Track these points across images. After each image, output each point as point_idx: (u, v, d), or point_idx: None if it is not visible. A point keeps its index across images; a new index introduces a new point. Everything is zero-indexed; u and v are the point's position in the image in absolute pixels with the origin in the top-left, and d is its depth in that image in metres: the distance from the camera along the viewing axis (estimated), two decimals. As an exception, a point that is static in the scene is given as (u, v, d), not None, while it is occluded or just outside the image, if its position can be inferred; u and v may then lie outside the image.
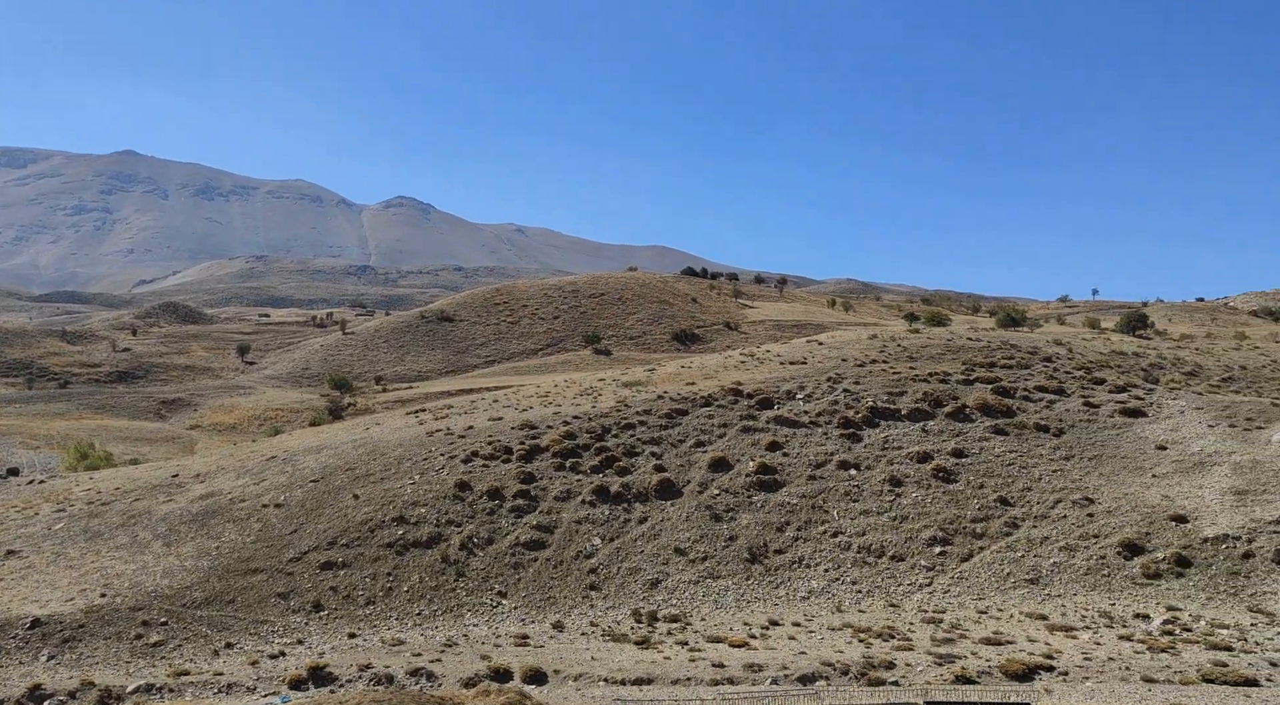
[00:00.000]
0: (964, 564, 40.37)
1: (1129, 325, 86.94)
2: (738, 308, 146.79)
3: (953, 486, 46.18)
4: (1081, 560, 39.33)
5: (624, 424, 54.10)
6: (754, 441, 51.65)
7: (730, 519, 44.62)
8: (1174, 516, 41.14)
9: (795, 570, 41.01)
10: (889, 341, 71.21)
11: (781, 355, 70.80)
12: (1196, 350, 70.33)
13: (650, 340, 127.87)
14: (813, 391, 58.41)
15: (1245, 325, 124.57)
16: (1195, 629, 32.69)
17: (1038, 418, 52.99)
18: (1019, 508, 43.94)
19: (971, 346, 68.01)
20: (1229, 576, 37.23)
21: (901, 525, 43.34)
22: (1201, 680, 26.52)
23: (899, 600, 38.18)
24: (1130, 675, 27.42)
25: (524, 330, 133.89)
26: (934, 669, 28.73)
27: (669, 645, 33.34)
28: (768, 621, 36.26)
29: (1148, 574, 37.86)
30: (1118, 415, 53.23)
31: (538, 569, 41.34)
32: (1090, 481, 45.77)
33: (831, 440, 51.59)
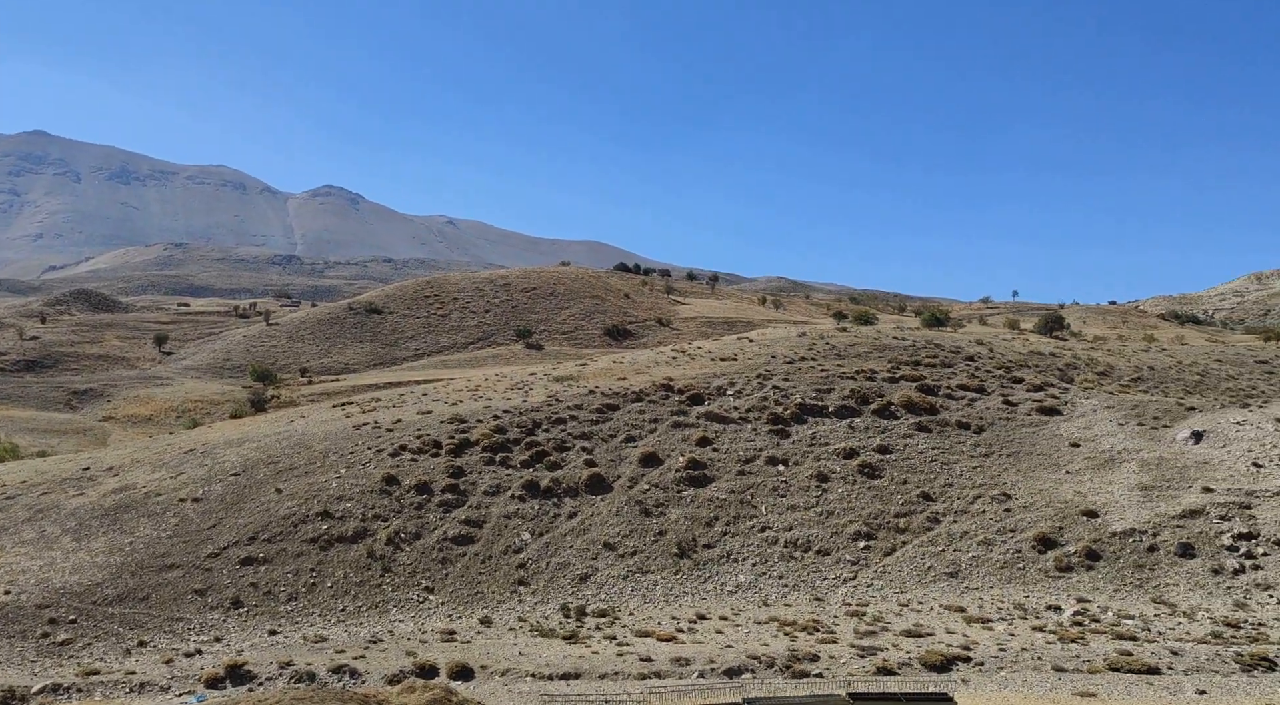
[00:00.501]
0: (887, 558, 41.26)
1: (1046, 326, 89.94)
2: (670, 304, 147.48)
3: (877, 482, 47.16)
4: (999, 554, 40.54)
5: (555, 419, 53.90)
6: (684, 437, 51.96)
7: (660, 514, 44.82)
8: (1085, 511, 42.69)
9: (723, 565, 41.41)
10: (818, 339, 72.33)
11: (713, 352, 71.35)
12: (1109, 351, 73.06)
13: (583, 335, 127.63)
14: (743, 388, 59.01)
15: (1154, 328, 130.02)
16: (1103, 620, 33.99)
17: (960, 415, 54.43)
18: (940, 503, 45.08)
19: (897, 345, 69.50)
20: (1135, 569, 38.81)
21: (828, 520, 44.10)
22: (1108, 669, 27.58)
23: (824, 594, 38.86)
24: (1042, 665, 28.37)
25: (455, 323, 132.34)
26: (857, 661, 29.31)
27: (597, 640, 33.36)
28: (696, 615, 36.54)
29: (1060, 567, 39.23)
30: (1035, 413, 54.98)
31: (466, 564, 40.94)
32: (1008, 478, 47.20)
33: (760, 436, 52.19)
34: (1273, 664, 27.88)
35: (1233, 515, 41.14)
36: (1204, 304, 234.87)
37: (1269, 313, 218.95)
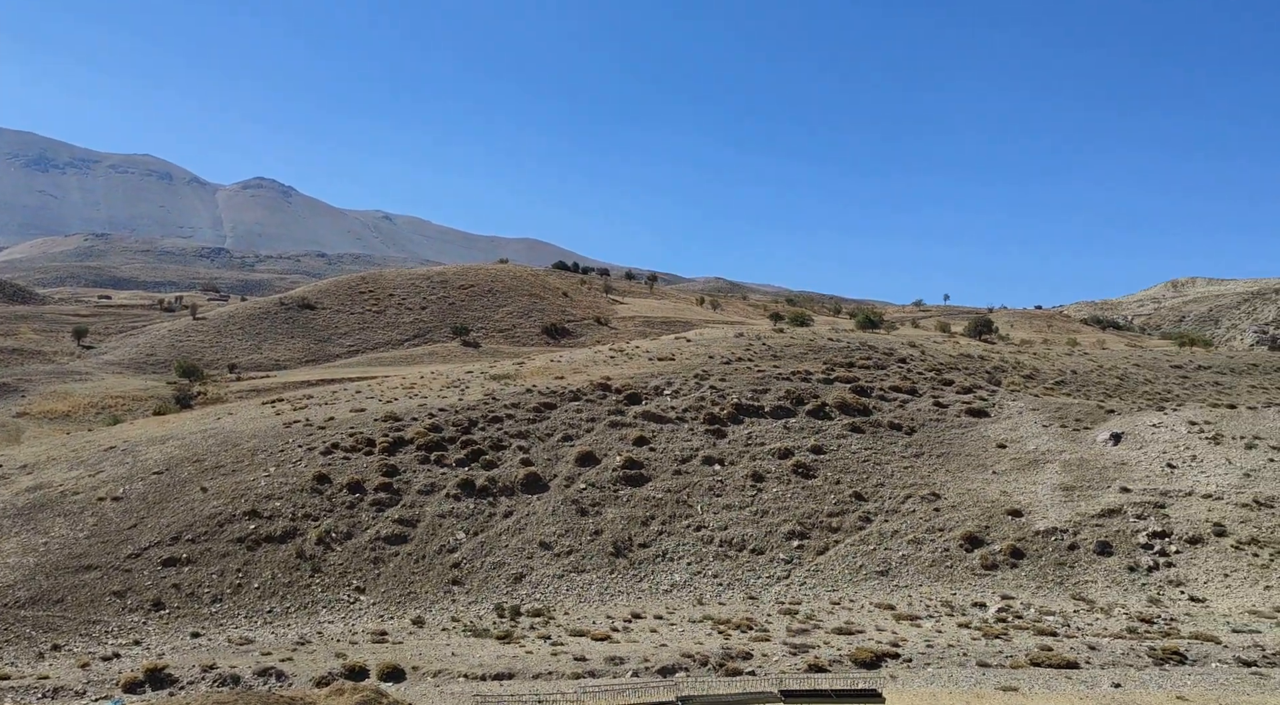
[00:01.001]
0: (820, 557, 41.83)
1: (976, 330, 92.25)
2: (608, 303, 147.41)
3: (811, 482, 47.79)
4: (928, 552, 41.41)
5: (491, 417, 53.44)
6: (621, 436, 51.96)
7: (596, 513, 44.74)
8: (1011, 511, 43.86)
9: (659, 563, 41.51)
10: (754, 340, 73.01)
11: (651, 351, 71.51)
12: (1034, 355, 75.23)
13: (520, 333, 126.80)
14: (680, 388, 59.25)
15: (1077, 332, 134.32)
16: (1025, 616, 34.96)
17: (892, 416, 55.45)
18: (872, 503, 45.86)
19: (832, 347, 70.53)
20: (1056, 567, 40.00)
21: (762, 519, 44.53)
22: (1030, 664, 28.38)
23: (758, 592, 39.22)
24: (967, 661, 29.05)
25: (390, 320, 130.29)
26: (789, 659, 29.63)
27: (532, 639, 33.15)
28: (631, 614, 36.56)
29: (986, 565, 40.24)
30: (964, 415, 56.31)
31: (399, 564, 40.32)
32: (938, 478, 48.24)
33: (697, 436, 52.47)
34: (1183, 657, 28.99)
35: (1148, 514, 42.68)
36: (1124, 310, 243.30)
37: (1184, 319, 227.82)
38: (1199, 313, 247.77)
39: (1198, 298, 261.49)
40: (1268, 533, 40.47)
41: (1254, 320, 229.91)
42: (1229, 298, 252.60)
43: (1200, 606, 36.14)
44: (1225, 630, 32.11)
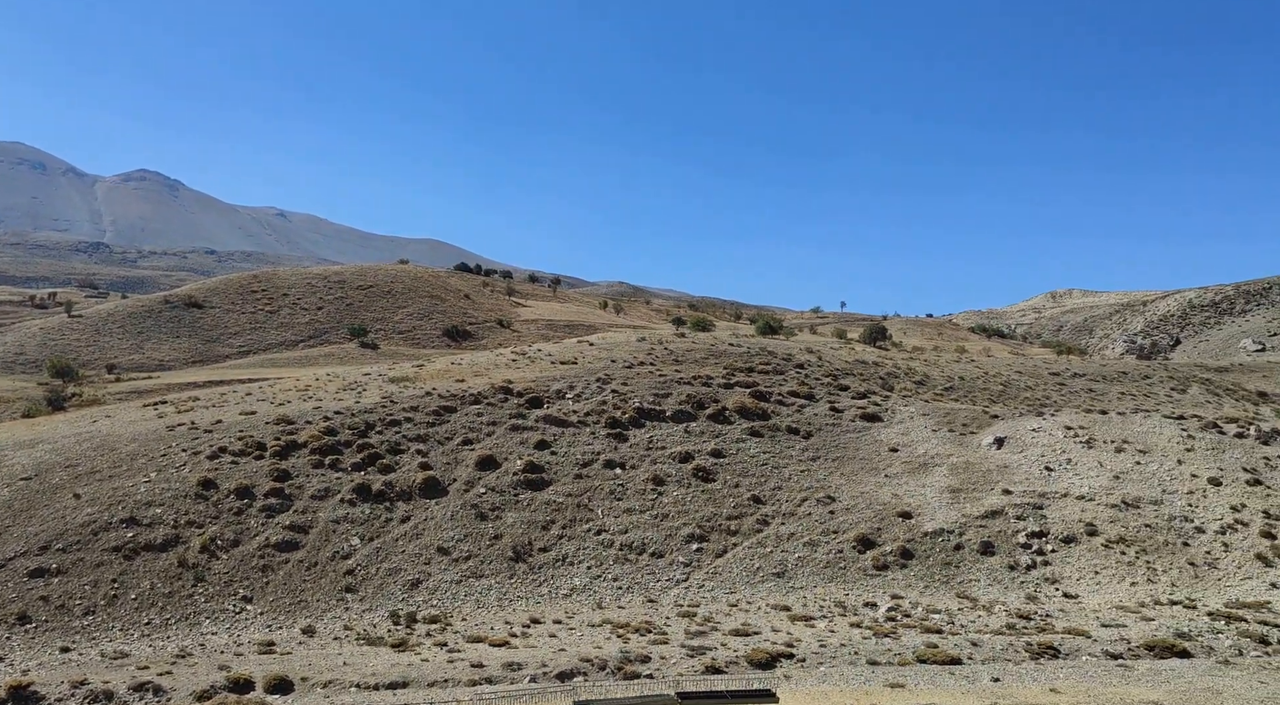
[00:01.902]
0: (719, 559, 42.35)
1: (871, 337, 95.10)
2: (511, 306, 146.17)
3: (711, 485, 48.36)
4: (822, 554, 42.41)
5: (389, 420, 52.27)
6: (522, 440, 51.55)
7: (496, 517, 44.25)
8: (901, 513, 45.32)
9: (559, 568, 41.32)
10: (657, 344, 73.52)
11: (553, 355, 71.22)
12: (925, 362, 78.00)
13: (420, 335, 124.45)
14: (582, 391, 59.17)
15: (965, 340, 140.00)
16: (914, 615, 36.17)
17: (790, 421, 56.61)
18: (770, 506, 46.71)
19: (733, 352, 71.60)
20: (943, 566, 41.53)
21: (662, 523, 44.82)
22: (916, 661, 29.36)
23: (657, 595, 39.44)
24: (858, 659, 29.87)
25: (284, 320, 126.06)
26: (687, 661, 29.89)
27: (428, 646, 32.52)
28: (530, 619, 36.27)
29: (877, 566, 41.46)
30: (858, 420, 57.92)
31: (289, 571, 38.99)
32: (833, 481, 49.48)
33: (599, 440, 52.47)
34: (1057, 652, 30.49)
35: (1027, 515, 44.74)
36: (1008, 319, 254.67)
37: (1061, 328, 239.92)
38: (1075, 323, 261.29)
39: (1074, 308, 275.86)
40: (1134, 532, 42.93)
41: (1124, 331, 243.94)
42: (1102, 309, 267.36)
43: (1073, 603, 38.07)
44: (1095, 625, 33.91)
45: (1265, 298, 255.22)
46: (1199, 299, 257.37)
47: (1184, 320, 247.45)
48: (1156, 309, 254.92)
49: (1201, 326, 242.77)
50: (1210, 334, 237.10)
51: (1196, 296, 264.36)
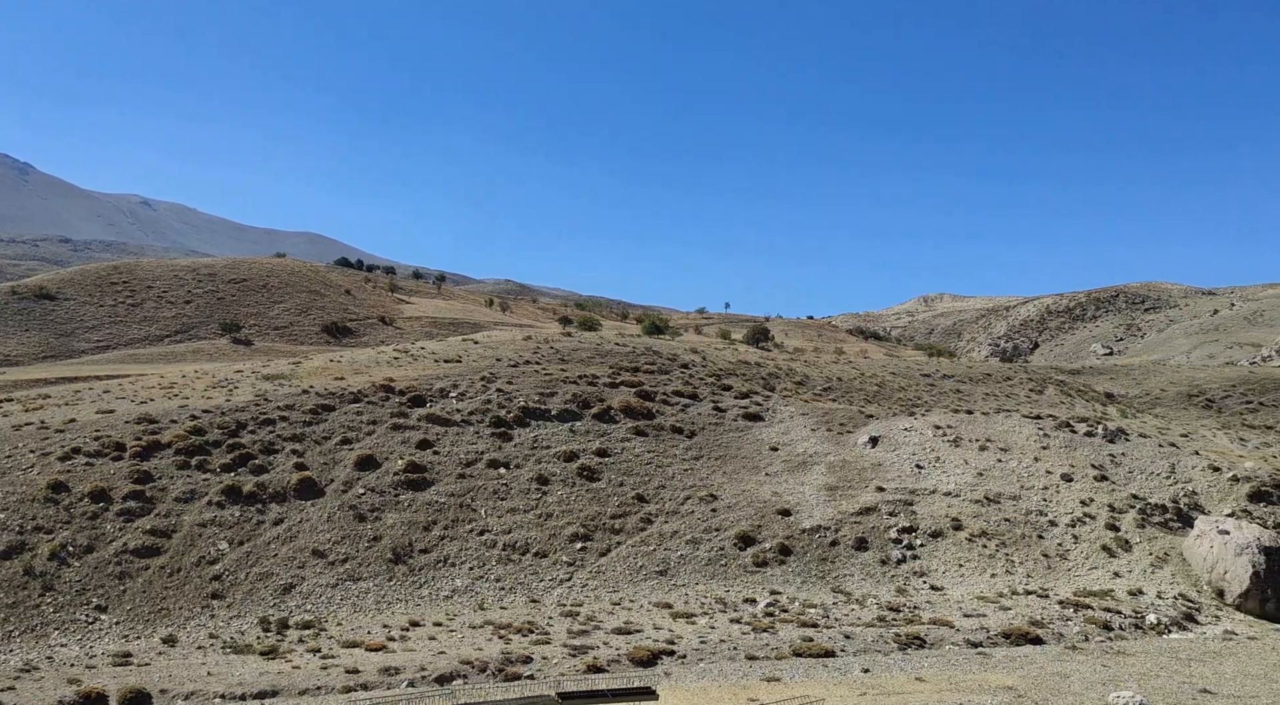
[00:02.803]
0: (602, 558, 42.45)
1: (754, 338, 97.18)
2: (394, 302, 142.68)
3: (596, 485, 48.42)
4: (704, 552, 43.06)
5: (263, 419, 50.21)
6: (404, 439, 50.41)
7: (375, 519, 43.12)
8: (781, 510, 46.45)
9: (440, 569, 40.59)
10: (543, 343, 73.13)
11: (437, 353, 69.92)
12: (805, 362, 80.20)
13: (298, 332, 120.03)
14: (467, 390, 58.31)
15: (843, 342, 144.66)
16: (791, 610, 37.14)
17: (674, 420, 57.23)
18: (654, 504, 47.11)
19: (619, 351, 71.88)
20: (819, 562, 42.80)
21: (546, 522, 44.60)
22: (792, 654, 30.17)
23: (540, 596, 39.23)
24: (737, 654, 30.46)
25: (148, 314, 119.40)
26: (569, 660, 29.83)
27: (300, 653, 31.39)
28: (409, 623, 35.49)
29: (757, 562, 42.39)
30: (741, 419, 59.05)
31: (149, 578, 36.96)
32: (715, 480, 50.28)
33: (483, 439, 51.81)
34: (923, 641, 31.87)
35: (899, 511, 46.58)
36: (884, 322, 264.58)
37: (933, 332, 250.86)
38: (945, 326, 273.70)
39: (944, 312, 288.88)
40: (995, 526, 45.27)
41: (989, 334, 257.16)
42: (970, 313, 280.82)
43: (939, 594, 39.86)
44: (959, 615, 35.60)
45: (1113, 305, 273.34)
46: (1055, 305, 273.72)
47: (1042, 325, 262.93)
48: (1018, 314, 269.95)
49: (1057, 331, 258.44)
50: (1065, 338, 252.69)
51: (1053, 303, 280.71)
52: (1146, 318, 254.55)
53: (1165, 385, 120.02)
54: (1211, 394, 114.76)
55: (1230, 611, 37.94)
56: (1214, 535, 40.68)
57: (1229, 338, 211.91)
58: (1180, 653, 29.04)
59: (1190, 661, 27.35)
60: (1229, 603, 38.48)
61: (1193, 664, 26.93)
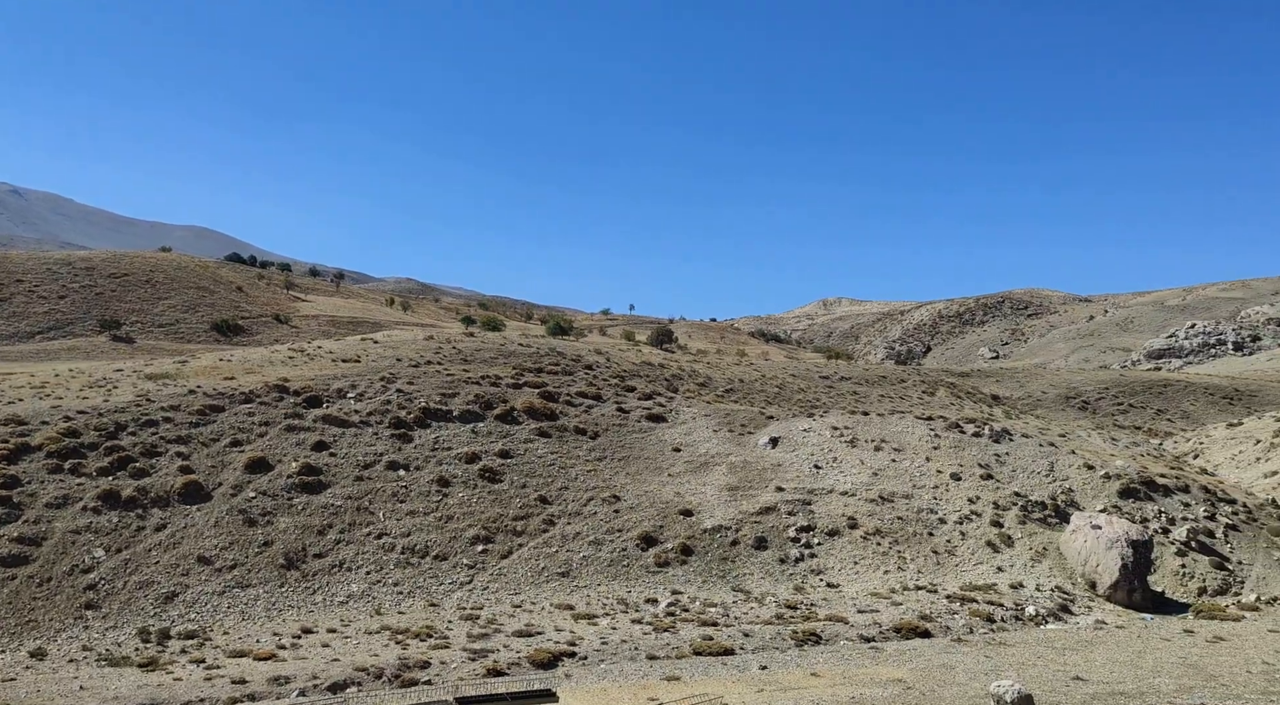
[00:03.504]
0: (504, 561, 42.02)
1: (658, 339, 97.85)
2: (289, 300, 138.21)
3: (498, 486, 47.91)
4: (606, 553, 43.08)
5: (145, 421, 47.91)
6: (299, 441, 48.85)
7: (267, 523, 41.63)
8: (683, 511, 46.86)
9: (335, 574, 39.47)
10: (445, 343, 72.00)
11: (334, 352, 68.05)
12: (708, 364, 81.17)
13: (185, 329, 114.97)
14: (365, 391, 56.91)
15: (745, 344, 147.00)
16: (692, 609, 37.50)
17: (578, 421, 57.11)
18: (556, 505, 46.90)
19: (523, 352, 71.35)
20: (720, 561, 43.35)
21: (447, 525, 43.89)
22: (693, 653, 30.46)
23: (439, 599, 38.57)
24: (638, 654, 30.58)
25: (16, 310, 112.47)
26: (468, 665, 29.42)
27: (183, 664, 30.04)
28: (301, 630, 34.38)
29: (659, 563, 42.65)
30: (644, 420, 59.34)
31: (16, 589, 34.79)
32: (618, 480, 50.39)
33: (382, 440, 50.65)
34: (819, 638, 32.64)
35: (797, 511, 47.58)
36: (784, 324, 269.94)
37: (831, 335, 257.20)
38: (844, 329, 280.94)
39: (843, 316, 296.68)
40: (888, 524, 46.71)
41: (885, 337, 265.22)
42: (867, 317, 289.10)
43: (834, 592, 40.89)
44: (853, 611, 36.59)
45: (999, 311, 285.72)
46: (947, 310, 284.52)
47: (934, 329, 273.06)
48: (912, 318, 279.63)
49: (949, 335, 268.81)
50: (956, 342, 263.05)
51: (945, 308, 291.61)
52: (1030, 323, 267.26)
53: (1046, 387, 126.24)
54: (1087, 396, 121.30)
55: (1101, 602, 40.08)
56: (1088, 530, 42.89)
57: (1103, 342, 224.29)
58: (1056, 642, 30.52)
59: (1064, 650, 28.77)
60: (1100, 594, 40.64)
61: (1067, 653, 28.33)
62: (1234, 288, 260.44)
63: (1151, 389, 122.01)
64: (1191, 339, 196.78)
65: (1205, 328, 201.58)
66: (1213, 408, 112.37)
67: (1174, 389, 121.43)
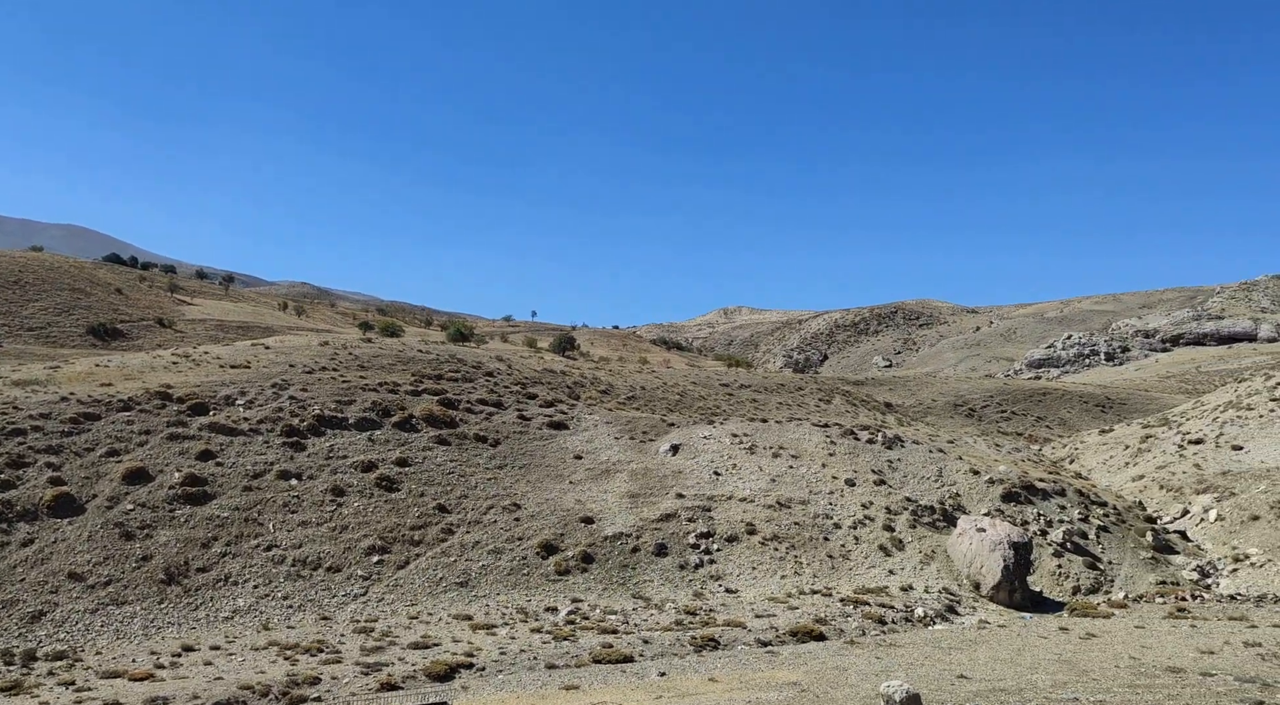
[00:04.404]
0: (400, 571, 41.09)
1: (560, 346, 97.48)
2: (174, 304, 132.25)
3: (395, 495, 46.85)
4: (506, 562, 42.61)
5: (11, 429, 45.06)
6: (183, 450, 46.74)
7: (146, 537, 39.66)
8: (584, 518, 46.74)
9: (220, 589, 37.86)
10: (341, 349, 70.12)
11: (222, 358, 65.42)
12: (610, 371, 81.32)
13: (58, 333, 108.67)
14: (255, 398, 54.89)
15: (647, 351, 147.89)
16: (592, 617, 37.41)
17: (478, 429, 56.38)
18: (456, 514, 46.15)
19: (422, 358, 70.07)
20: (620, 569, 43.41)
21: (341, 535, 42.67)
22: (592, 661, 30.37)
23: (332, 612, 37.44)
24: (537, 664, 30.31)
25: None
26: (361, 679, 28.61)
27: (50, 687, 28.29)
28: (181, 648, 32.83)
29: (560, 571, 42.42)
30: (546, 427, 59.00)
31: None
32: (519, 488, 49.94)
33: (273, 449, 48.92)
34: (717, 643, 32.99)
35: (697, 517, 48.05)
36: (686, 332, 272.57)
37: (732, 343, 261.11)
38: (744, 337, 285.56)
39: (743, 324, 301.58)
40: (785, 529, 47.64)
41: (783, 346, 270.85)
42: (766, 326, 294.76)
43: (733, 597, 41.43)
44: (751, 616, 37.14)
45: (892, 321, 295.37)
46: (843, 319, 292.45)
47: (831, 338, 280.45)
48: (809, 327, 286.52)
49: (844, 344, 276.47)
50: (851, 351, 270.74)
51: (841, 317, 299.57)
52: (921, 333, 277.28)
53: (935, 395, 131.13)
54: (973, 403, 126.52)
55: (985, 602, 41.77)
56: (973, 533, 44.67)
57: (988, 352, 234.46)
58: (942, 642, 31.63)
59: (950, 650, 29.84)
60: (984, 594, 42.36)
61: (952, 652, 29.39)
62: (1105, 301, 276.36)
63: (1032, 397, 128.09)
64: (1068, 349, 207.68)
65: (1081, 339, 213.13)
66: (1087, 415, 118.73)
67: (1052, 397, 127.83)
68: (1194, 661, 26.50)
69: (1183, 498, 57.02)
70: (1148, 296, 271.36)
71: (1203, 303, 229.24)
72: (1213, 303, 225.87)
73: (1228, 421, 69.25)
